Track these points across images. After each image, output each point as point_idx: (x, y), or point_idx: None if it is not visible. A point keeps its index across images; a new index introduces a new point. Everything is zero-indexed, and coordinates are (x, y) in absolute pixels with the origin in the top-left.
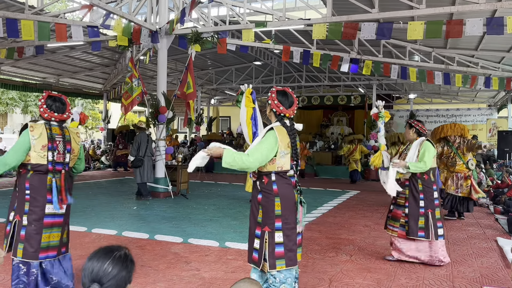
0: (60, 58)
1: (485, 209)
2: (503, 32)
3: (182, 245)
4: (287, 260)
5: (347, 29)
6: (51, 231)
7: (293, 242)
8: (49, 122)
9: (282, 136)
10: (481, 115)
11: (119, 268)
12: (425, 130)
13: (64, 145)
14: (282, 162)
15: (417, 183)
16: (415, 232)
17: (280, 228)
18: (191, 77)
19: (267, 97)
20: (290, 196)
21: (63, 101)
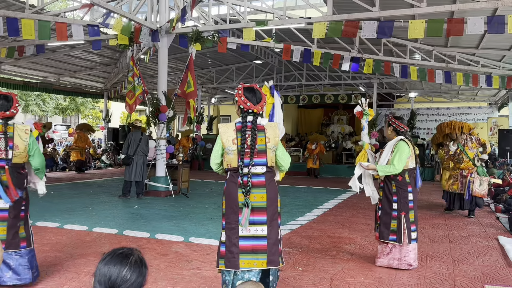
0: (61, 57)
1: (486, 207)
2: (504, 30)
3: (183, 244)
4: (226, 261)
5: (347, 28)
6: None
7: (232, 243)
8: None
9: (227, 132)
10: (482, 114)
11: (136, 274)
12: (403, 127)
13: (6, 142)
14: (229, 159)
15: (391, 185)
16: (386, 236)
17: (223, 227)
18: (192, 76)
19: (234, 94)
20: (232, 196)
21: (8, 98)
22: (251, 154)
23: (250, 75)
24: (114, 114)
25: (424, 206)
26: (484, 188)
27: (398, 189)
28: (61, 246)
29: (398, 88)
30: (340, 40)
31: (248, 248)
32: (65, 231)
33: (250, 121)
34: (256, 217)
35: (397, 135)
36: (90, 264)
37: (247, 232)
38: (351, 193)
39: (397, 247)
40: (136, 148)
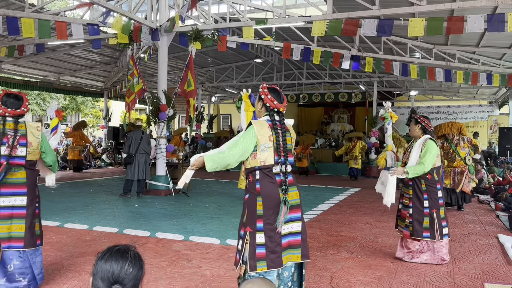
0: (61, 56)
1: (487, 206)
2: (504, 29)
3: (183, 242)
4: (269, 261)
5: (347, 26)
6: (11, 223)
7: (276, 243)
8: (4, 118)
9: (262, 129)
10: (482, 112)
11: (137, 268)
12: (431, 127)
13: (15, 139)
14: (264, 156)
15: (420, 183)
16: (420, 233)
17: (261, 228)
18: (192, 74)
19: (258, 93)
20: (273, 196)
21: (18, 97)
22: (285, 153)
23: (250, 73)
24: (114, 113)
25: None
26: (472, 186)
27: (428, 187)
28: (62, 245)
29: (399, 87)
30: (340, 39)
31: (286, 245)
32: (65, 230)
33: (279, 121)
34: (292, 214)
35: (423, 134)
36: (91, 263)
37: (286, 230)
38: (351, 192)
39: (429, 244)
40: (138, 146)
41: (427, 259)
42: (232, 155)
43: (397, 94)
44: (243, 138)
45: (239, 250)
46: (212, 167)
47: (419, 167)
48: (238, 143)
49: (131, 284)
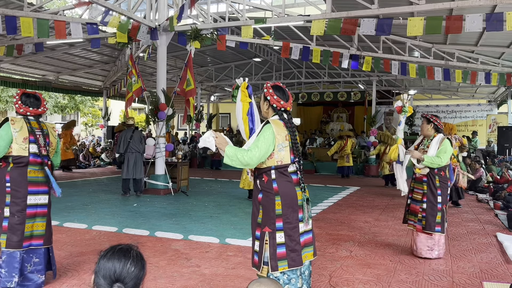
0: (60, 55)
1: (485, 204)
2: (503, 28)
3: (183, 241)
4: (290, 260)
5: (346, 25)
6: (34, 221)
7: (295, 242)
8: (26, 116)
9: (279, 128)
10: (481, 111)
11: (139, 267)
12: (442, 125)
13: (44, 138)
14: (281, 155)
15: (435, 179)
16: (433, 227)
17: (281, 228)
18: (191, 73)
19: (264, 93)
20: (291, 194)
21: (37, 97)
22: (299, 151)
23: (250, 73)
24: (113, 112)
25: None
26: (465, 181)
27: (441, 183)
28: (61, 244)
29: (398, 86)
30: (339, 38)
31: (303, 243)
32: (64, 229)
33: (288, 119)
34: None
35: (436, 132)
36: (90, 262)
37: (301, 228)
38: (350, 191)
39: (436, 238)
40: (127, 145)
41: (438, 253)
42: (254, 157)
43: (396, 93)
44: (263, 138)
45: (256, 251)
46: (230, 158)
47: (436, 159)
48: (258, 144)
49: (132, 284)
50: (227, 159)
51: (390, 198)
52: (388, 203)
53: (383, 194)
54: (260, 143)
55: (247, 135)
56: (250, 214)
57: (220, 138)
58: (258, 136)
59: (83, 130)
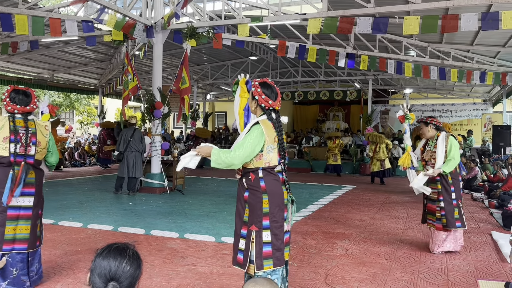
0: (55, 53)
1: (480, 203)
2: (498, 27)
3: (178, 240)
4: (275, 260)
5: (342, 24)
6: (17, 224)
7: (281, 241)
8: (13, 114)
9: (268, 130)
10: (476, 110)
11: (135, 266)
12: (440, 123)
13: (28, 137)
14: (269, 157)
15: (447, 177)
16: (453, 224)
17: (268, 226)
18: (186, 72)
19: (251, 92)
20: (278, 193)
21: (27, 93)
22: (284, 152)
23: (246, 71)
24: (109, 111)
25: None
26: None
27: (453, 180)
28: (56, 243)
29: (393, 85)
30: (335, 37)
31: (285, 242)
32: (59, 227)
33: (277, 119)
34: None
35: (438, 131)
36: (85, 260)
37: (287, 227)
38: (346, 189)
39: (451, 233)
40: (127, 144)
41: (450, 246)
42: (237, 156)
43: (392, 92)
44: (250, 139)
45: (241, 249)
46: (215, 162)
47: (452, 163)
48: (244, 144)
49: (128, 282)
50: (213, 163)
51: (386, 197)
52: (384, 202)
53: (379, 193)
54: (246, 143)
55: (241, 129)
56: None
57: (203, 149)
58: (246, 136)
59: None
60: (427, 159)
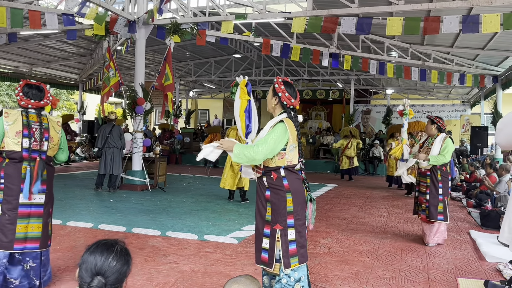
0: (34, 47)
1: (458, 202)
2: (479, 30)
3: (160, 238)
4: (300, 257)
5: (327, 23)
6: (28, 222)
7: (304, 238)
8: (26, 109)
9: (291, 129)
10: (455, 111)
11: (122, 262)
12: (445, 126)
13: (41, 133)
14: (291, 156)
15: (437, 174)
16: (435, 216)
17: (292, 225)
18: (170, 68)
19: (274, 89)
20: (301, 191)
21: (40, 88)
22: (302, 150)
23: (229, 69)
24: (89, 106)
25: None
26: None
27: (442, 177)
28: None
29: (375, 85)
30: (319, 36)
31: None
32: None
33: (295, 118)
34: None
35: (439, 132)
36: (65, 259)
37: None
38: (328, 188)
39: (442, 225)
40: (106, 140)
41: (438, 239)
42: (260, 151)
43: (374, 92)
44: (274, 135)
45: (266, 249)
46: (237, 157)
47: (440, 157)
48: (267, 141)
49: (114, 278)
50: (235, 158)
51: (367, 196)
52: (365, 201)
53: (360, 192)
54: (269, 139)
55: (243, 131)
56: (229, 211)
57: (225, 143)
58: (269, 132)
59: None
60: (424, 153)
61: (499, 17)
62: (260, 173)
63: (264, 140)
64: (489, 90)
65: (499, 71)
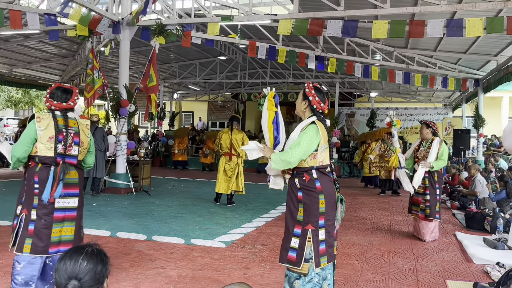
0: (14, 47)
1: (443, 204)
2: (462, 34)
3: (146, 242)
4: (328, 256)
5: (313, 26)
6: (62, 226)
7: (332, 238)
8: (52, 111)
9: (322, 130)
10: (438, 114)
11: (94, 261)
12: (438, 130)
13: (70, 137)
14: (322, 156)
15: (434, 176)
16: (434, 215)
17: (323, 225)
18: (154, 70)
19: (305, 93)
20: (332, 193)
21: (67, 90)
22: (332, 153)
23: (214, 71)
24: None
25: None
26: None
27: (438, 178)
28: None
29: (359, 88)
30: (305, 39)
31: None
32: None
33: (325, 121)
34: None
35: (434, 136)
36: None
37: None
38: None
39: (433, 224)
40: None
41: (434, 236)
42: (294, 154)
43: (358, 95)
44: (306, 137)
45: (295, 248)
46: (275, 163)
47: (441, 162)
48: (301, 142)
49: (89, 278)
50: (274, 165)
51: (353, 198)
52: (352, 203)
53: (347, 195)
54: (302, 141)
55: (271, 143)
56: (215, 214)
57: (266, 149)
58: (301, 134)
59: None
60: (421, 157)
61: (482, 21)
62: (290, 174)
63: (297, 142)
64: (471, 94)
65: (480, 74)
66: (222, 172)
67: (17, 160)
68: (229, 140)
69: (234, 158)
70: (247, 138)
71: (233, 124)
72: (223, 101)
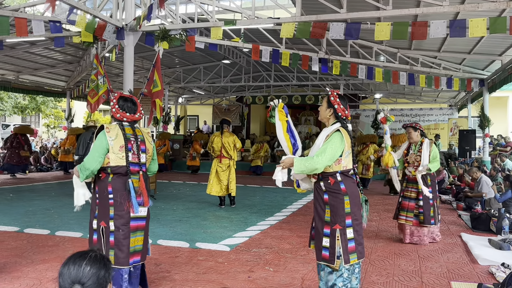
0: (20, 54)
1: (448, 205)
2: (465, 34)
3: (151, 246)
4: (358, 253)
5: (315, 29)
6: (135, 235)
7: (361, 236)
8: (121, 122)
9: (346, 137)
10: (443, 115)
11: (97, 266)
12: (423, 129)
13: (138, 145)
14: (346, 161)
15: (427, 179)
16: (429, 221)
17: (350, 224)
18: (158, 75)
19: (329, 100)
20: (357, 194)
21: (134, 101)
22: (355, 157)
23: (218, 75)
24: (77, 114)
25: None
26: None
27: (432, 182)
28: (21, 251)
29: (364, 90)
30: (308, 41)
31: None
32: (25, 235)
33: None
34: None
35: (423, 137)
36: (53, 269)
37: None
38: None
39: (430, 229)
40: (87, 147)
41: (427, 241)
42: (320, 161)
43: (363, 97)
44: (332, 144)
45: (326, 247)
46: (299, 169)
47: (436, 164)
48: (326, 150)
49: (92, 282)
50: (297, 171)
51: None
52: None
53: None
54: (328, 149)
55: (290, 151)
56: (220, 218)
57: (286, 161)
58: (327, 142)
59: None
60: (411, 161)
61: (485, 21)
62: (316, 178)
63: (322, 149)
64: (476, 94)
65: (485, 74)
66: (214, 174)
67: (91, 172)
68: (220, 143)
69: (225, 160)
70: (238, 140)
71: (223, 127)
72: (228, 105)
